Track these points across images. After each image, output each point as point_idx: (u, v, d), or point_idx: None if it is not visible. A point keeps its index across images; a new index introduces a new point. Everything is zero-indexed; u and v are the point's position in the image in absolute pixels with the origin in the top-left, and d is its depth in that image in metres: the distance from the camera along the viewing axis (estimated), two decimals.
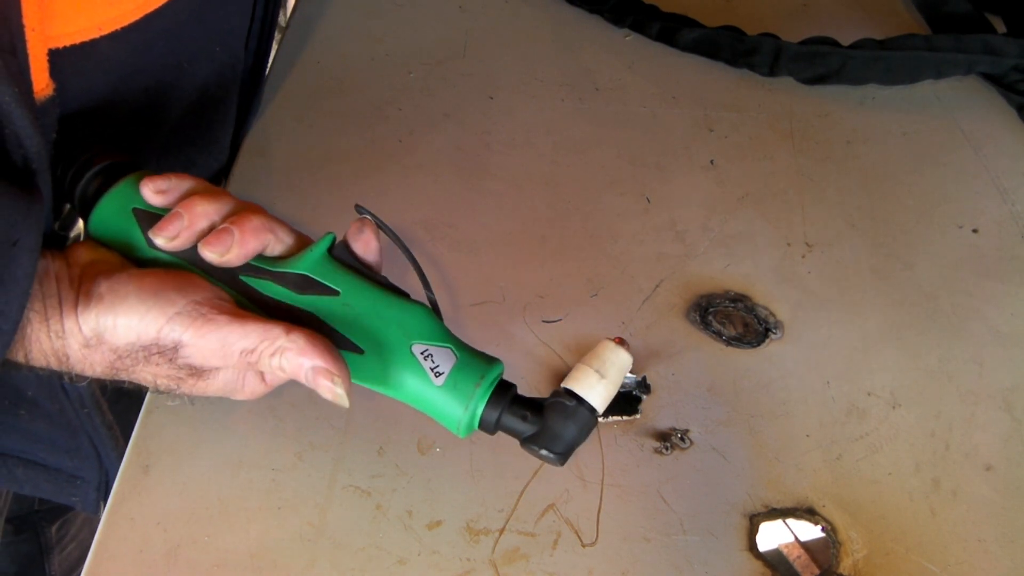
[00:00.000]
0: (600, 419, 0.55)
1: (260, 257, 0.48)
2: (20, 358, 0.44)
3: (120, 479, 0.52)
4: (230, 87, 0.65)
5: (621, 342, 0.47)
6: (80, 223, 0.57)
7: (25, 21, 0.40)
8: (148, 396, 0.55)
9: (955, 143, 0.75)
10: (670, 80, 0.79)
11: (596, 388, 0.46)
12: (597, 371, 0.46)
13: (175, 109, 0.59)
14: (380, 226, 0.49)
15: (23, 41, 0.40)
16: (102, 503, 0.66)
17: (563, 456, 0.45)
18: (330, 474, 0.53)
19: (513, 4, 0.86)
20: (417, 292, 0.50)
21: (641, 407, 0.56)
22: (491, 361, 0.46)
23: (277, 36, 0.89)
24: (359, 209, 0.49)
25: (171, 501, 0.51)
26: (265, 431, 0.54)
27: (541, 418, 0.46)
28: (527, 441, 0.46)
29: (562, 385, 0.47)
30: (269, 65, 0.74)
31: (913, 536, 0.52)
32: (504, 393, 0.46)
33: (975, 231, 0.68)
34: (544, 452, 0.45)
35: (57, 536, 0.98)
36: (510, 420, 0.46)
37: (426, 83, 0.77)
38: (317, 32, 0.81)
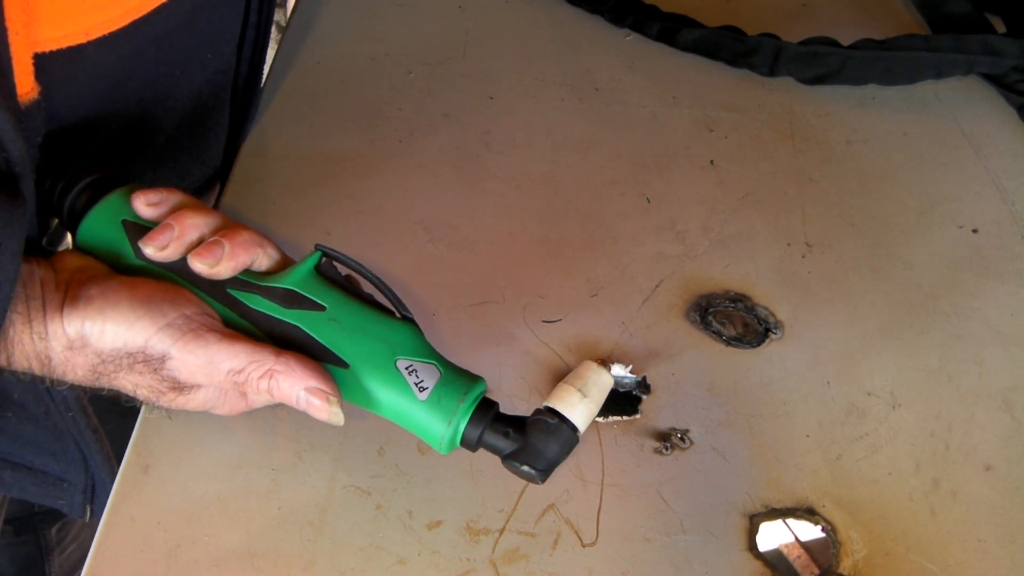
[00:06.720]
0: (600, 419, 0.55)
1: (248, 271, 0.48)
2: (2, 361, 0.44)
3: (120, 479, 0.52)
4: (223, 94, 0.65)
5: (603, 363, 0.49)
6: (68, 240, 0.57)
7: (8, 24, 0.40)
8: None
9: (955, 143, 0.75)
10: (670, 80, 0.79)
11: (578, 407, 0.47)
12: (579, 390, 0.48)
13: (170, 119, 0.59)
14: (345, 262, 0.49)
15: (6, 44, 0.40)
16: (88, 507, 0.66)
17: (544, 473, 0.46)
18: (330, 474, 0.53)
19: (513, 4, 0.86)
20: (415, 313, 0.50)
21: (641, 407, 0.56)
22: (474, 378, 0.47)
23: (277, 36, 0.89)
24: (321, 248, 0.49)
25: (171, 501, 0.51)
26: (264, 431, 0.54)
27: (523, 435, 0.46)
28: (508, 458, 0.46)
29: (544, 404, 0.47)
30: (267, 68, 0.74)
31: (913, 536, 0.52)
32: (487, 410, 0.46)
33: (975, 231, 0.68)
34: (525, 468, 0.46)
35: (57, 538, 0.98)
36: (492, 437, 0.46)
37: (426, 83, 0.77)
38: (317, 32, 0.81)
